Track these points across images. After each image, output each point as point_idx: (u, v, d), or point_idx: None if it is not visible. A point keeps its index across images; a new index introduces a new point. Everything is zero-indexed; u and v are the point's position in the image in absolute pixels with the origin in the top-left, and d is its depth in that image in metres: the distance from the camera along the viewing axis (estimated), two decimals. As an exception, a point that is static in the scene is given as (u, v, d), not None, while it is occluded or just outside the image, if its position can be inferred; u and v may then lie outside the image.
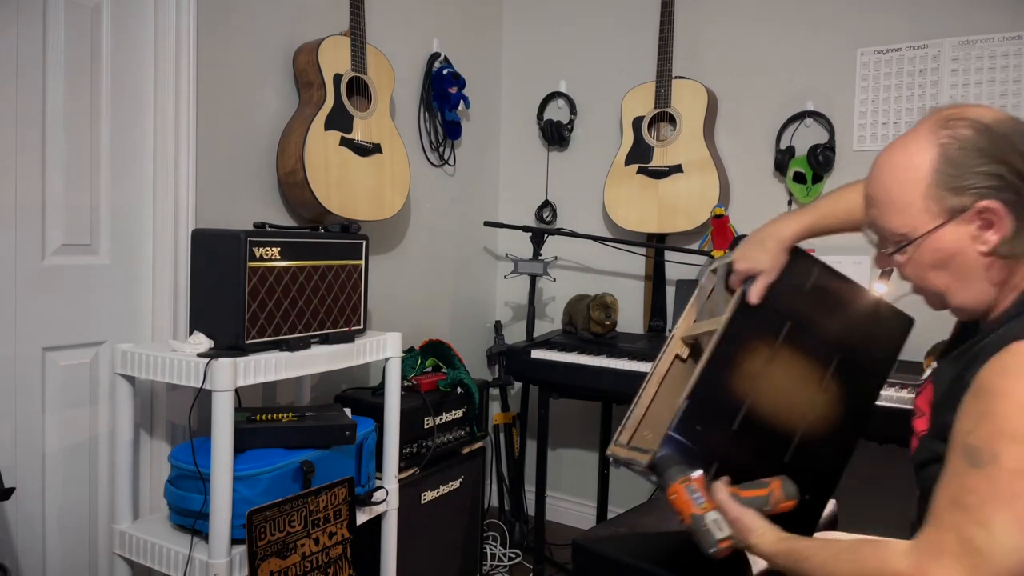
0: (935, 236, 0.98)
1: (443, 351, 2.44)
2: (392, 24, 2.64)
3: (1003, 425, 0.86)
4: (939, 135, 0.97)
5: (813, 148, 2.52)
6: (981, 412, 0.89)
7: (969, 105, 1.00)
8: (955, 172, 0.96)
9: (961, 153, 0.95)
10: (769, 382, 1.38)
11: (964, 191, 0.95)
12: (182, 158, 1.96)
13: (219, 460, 1.54)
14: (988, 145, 0.94)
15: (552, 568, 2.70)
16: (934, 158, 0.97)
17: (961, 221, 0.97)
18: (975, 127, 0.95)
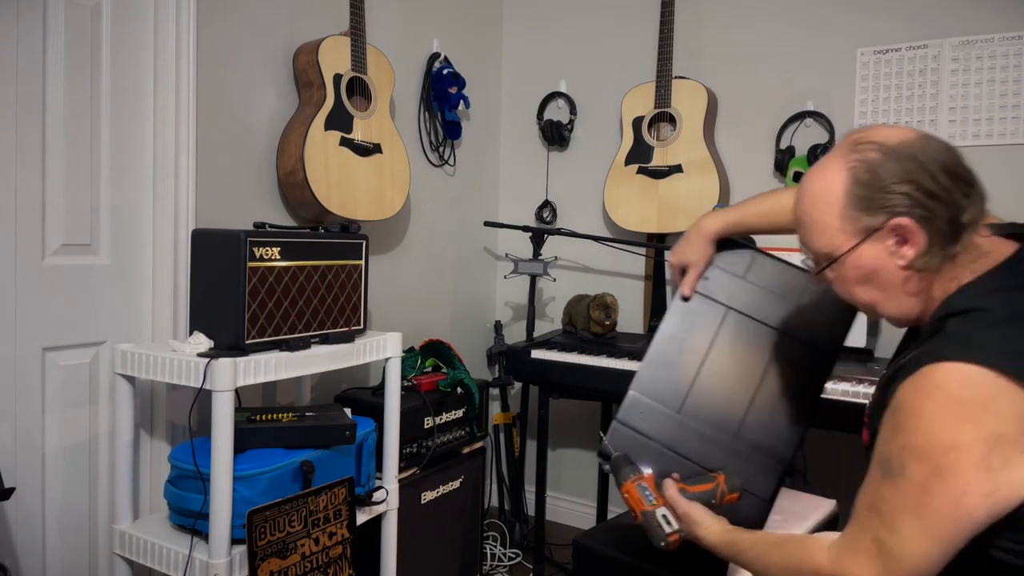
0: (855, 254, 1.04)
1: (443, 351, 2.44)
2: (392, 24, 2.64)
3: (911, 440, 0.92)
4: (849, 159, 1.03)
5: (813, 148, 2.52)
6: (895, 426, 0.95)
7: (878, 127, 1.05)
8: (865, 193, 1.01)
9: (869, 175, 1.00)
10: (712, 369, 1.45)
11: (876, 210, 1.01)
12: (182, 158, 1.96)
13: (219, 460, 1.54)
14: (893, 166, 0.99)
15: (552, 568, 2.70)
16: (845, 181, 1.02)
17: (877, 238, 1.02)
18: (881, 149, 1.00)
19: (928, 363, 0.93)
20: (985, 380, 0.89)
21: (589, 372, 2.33)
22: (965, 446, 0.88)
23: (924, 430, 0.91)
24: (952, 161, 1.00)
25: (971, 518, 0.89)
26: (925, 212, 0.98)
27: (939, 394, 0.91)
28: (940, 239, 0.99)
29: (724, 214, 1.45)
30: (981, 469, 0.88)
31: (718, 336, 1.47)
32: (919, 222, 0.98)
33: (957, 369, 0.91)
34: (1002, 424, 0.88)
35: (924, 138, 1.01)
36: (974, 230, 1.00)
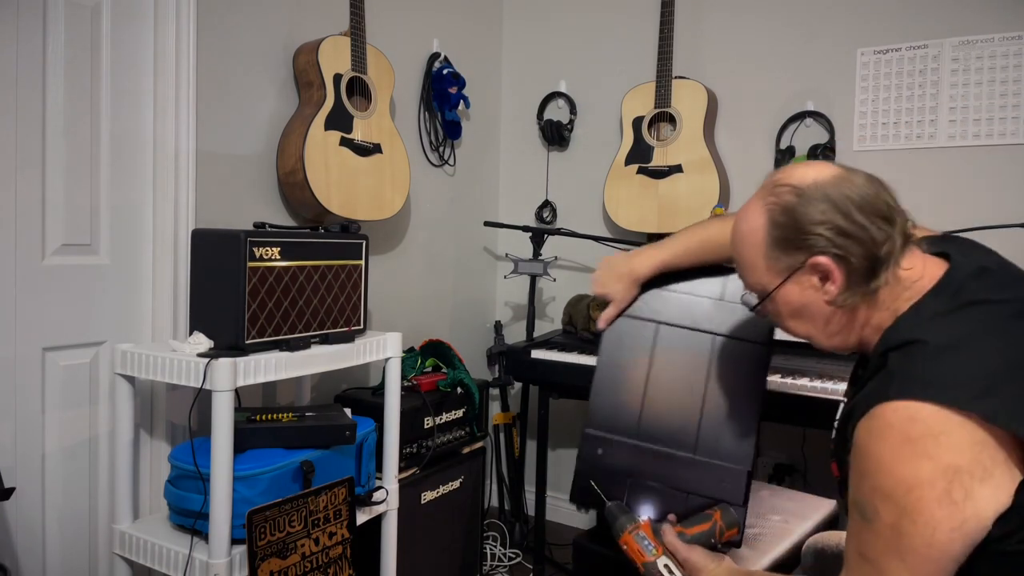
0: (782, 291, 1.08)
1: (443, 351, 2.44)
2: (392, 24, 2.64)
3: (875, 483, 0.94)
4: (767, 201, 1.07)
5: (813, 148, 2.52)
6: (860, 471, 0.97)
7: (798, 167, 1.08)
8: (783, 234, 1.05)
9: (784, 217, 1.04)
10: (657, 387, 1.47)
11: (795, 250, 1.04)
12: (182, 158, 1.96)
13: (219, 460, 1.54)
14: (807, 207, 1.02)
15: (552, 568, 2.70)
16: (764, 222, 1.07)
17: (800, 276, 1.06)
18: (794, 192, 1.04)
19: (876, 403, 0.95)
20: (932, 415, 0.91)
21: (589, 372, 2.31)
22: (926, 483, 0.90)
23: (885, 472, 0.93)
24: (868, 197, 1.02)
25: (948, 554, 0.91)
26: (840, 251, 1.01)
27: (891, 434, 0.92)
28: (858, 275, 1.02)
29: (655, 255, 1.49)
30: (945, 504, 0.89)
31: (655, 353, 1.48)
32: (836, 260, 1.02)
33: (904, 407, 0.92)
34: (956, 456, 0.90)
35: (839, 177, 1.04)
36: (896, 262, 1.02)
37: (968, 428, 0.90)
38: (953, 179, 2.40)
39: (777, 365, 2.11)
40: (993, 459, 0.90)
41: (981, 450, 0.90)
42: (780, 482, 2.53)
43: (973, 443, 0.90)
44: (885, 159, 2.49)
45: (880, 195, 1.03)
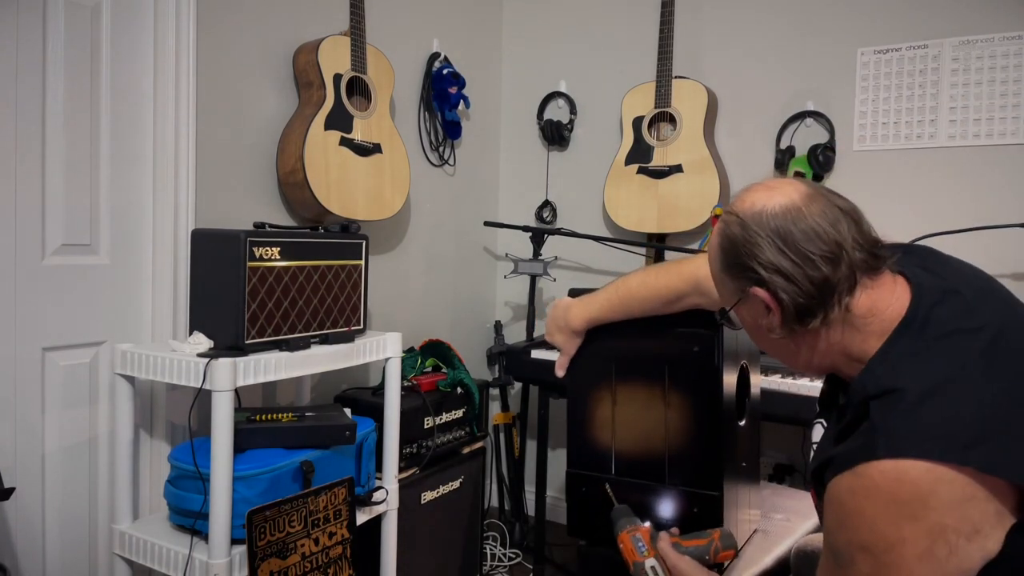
0: (738, 312, 1.08)
1: (443, 351, 2.43)
2: (392, 24, 2.64)
3: (855, 537, 0.92)
4: (720, 224, 1.07)
5: (813, 148, 2.52)
6: (839, 522, 0.95)
7: (758, 191, 1.04)
8: (727, 261, 1.05)
9: (728, 244, 1.03)
10: (623, 421, 1.50)
11: (738, 277, 1.03)
12: (182, 158, 1.96)
13: (219, 460, 1.54)
14: (746, 239, 1.00)
15: (552, 568, 2.70)
16: (717, 245, 1.07)
17: (746, 302, 1.05)
18: (736, 222, 1.02)
19: (862, 461, 0.91)
20: (920, 474, 0.87)
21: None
22: (908, 542, 0.88)
23: (867, 528, 0.91)
24: (815, 232, 0.97)
25: None
26: (773, 287, 0.98)
27: (877, 495, 0.90)
28: (793, 312, 0.99)
29: (583, 311, 1.51)
30: (926, 561, 0.87)
31: (616, 388, 1.51)
32: (771, 292, 0.99)
33: (892, 468, 0.89)
34: (943, 515, 0.87)
35: (790, 208, 0.99)
36: (839, 302, 0.98)
37: (959, 483, 0.87)
38: (953, 179, 2.40)
39: (777, 365, 2.11)
40: (983, 512, 0.88)
41: (971, 506, 0.88)
42: (780, 481, 2.53)
43: (963, 499, 0.87)
44: (885, 159, 2.49)
45: (830, 231, 0.97)
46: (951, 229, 2.16)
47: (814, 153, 2.51)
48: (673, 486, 1.44)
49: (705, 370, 1.44)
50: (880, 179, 2.49)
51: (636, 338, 1.50)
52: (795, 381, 1.96)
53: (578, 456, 1.54)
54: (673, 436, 1.47)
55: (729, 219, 1.04)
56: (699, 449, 1.45)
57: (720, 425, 1.44)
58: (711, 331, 1.43)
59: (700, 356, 1.44)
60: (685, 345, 1.45)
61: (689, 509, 1.42)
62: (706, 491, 1.42)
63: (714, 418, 1.44)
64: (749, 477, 1.61)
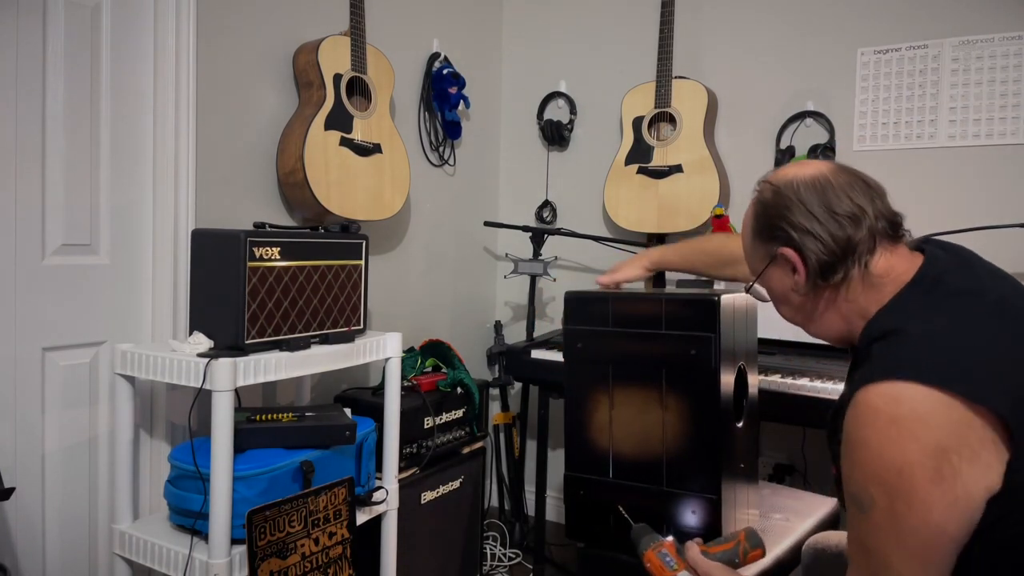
0: (766, 278, 1.18)
1: (443, 351, 2.43)
2: (392, 24, 2.64)
3: (867, 471, 0.95)
4: (753, 195, 1.19)
5: (813, 148, 2.52)
6: (852, 462, 0.98)
7: (789, 166, 1.17)
8: (759, 226, 1.16)
9: (759, 210, 1.15)
10: (621, 424, 1.52)
11: (769, 241, 1.14)
12: (182, 158, 1.96)
13: (219, 460, 1.54)
14: (775, 203, 1.12)
15: (552, 568, 2.70)
16: (751, 213, 1.19)
17: (775, 265, 1.15)
18: (770, 188, 1.14)
19: (861, 387, 0.96)
20: (915, 395, 0.92)
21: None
22: (915, 464, 0.90)
23: (875, 458, 0.93)
24: (839, 197, 1.08)
25: (946, 534, 0.91)
26: (799, 244, 1.09)
27: (876, 418, 0.93)
28: (817, 268, 1.08)
29: (661, 250, 1.79)
30: (936, 483, 0.90)
31: (613, 391, 1.53)
32: (799, 251, 1.09)
33: (886, 388, 0.94)
34: (943, 436, 0.90)
35: (818, 176, 1.11)
36: (860, 260, 1.07)
37: (954, 408, 0.90)
38: (953, 179, 2.40)
39: (777, 365, 2.11)
40: (980, 439, 0.90)
41: (967, 430, 0.90)
42: (780, 481, 2.53)
43: (959, 422, 0.90)
44: (885, 159, 2.49)
45: (853, 196, 1.09)
46: (951, 229, 2.16)
47: (814, 153, 2.51)
48: (671, 489, 1.44)
49: (703, 373, 1.44)
50: (880, 179, 2.46)
51: (634, 341, 1.51)
52: (795, 381, 1.96)
53: (576, 459, 1.55)
54: (671, 439, 1.47)
55: (763, 187, 1.16)
56: (697, 452, 1.45)
57: (718, 428, 1.44)
58: (709, 333, 1.43)
59: (698, 359, 1.44)
60: (683, 347, 1.46)
61: (688, 513, 1.42)
62: (705, 494, 1.42)
63: (712, 421, 1.44)
64: (747, 478, 1.61)
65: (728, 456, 1.47)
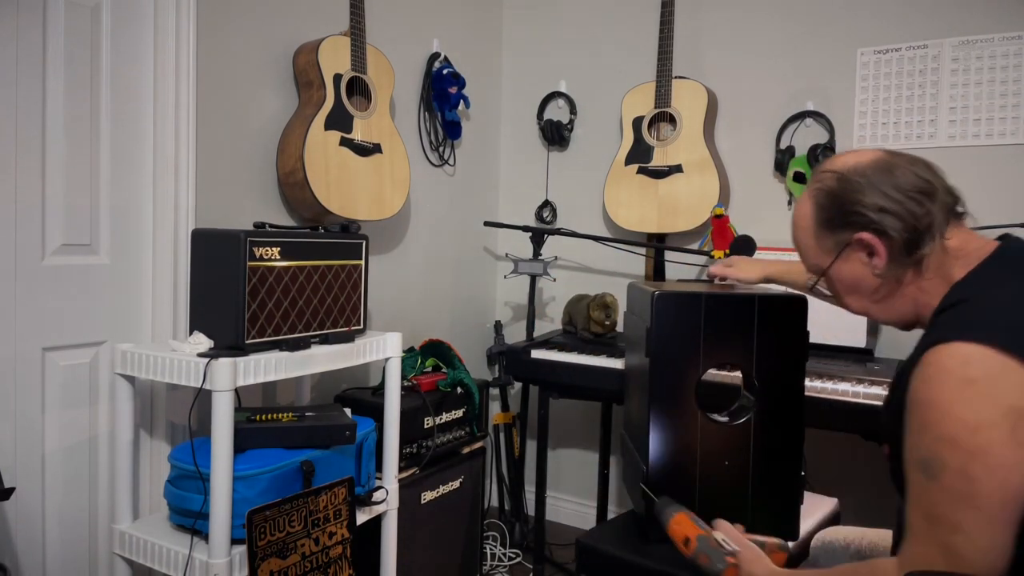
0: (835, 268, 1.16)
1: (443, 351, 2.43)
2: (392, 24, 2.64)
3: (939, 432, 0.93)
4: (812, 189, 1.17)
5: (813, 148, 2.52)
6: (920, 424, 0.96)
7: (844, 154, 1.17)
8: (827, 216, 1.14)
9: (827, 199, 1.14)
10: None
11: (840, 229, 1.13)
12: (182, 158, 1.96)
13: (219, 460, 1.54)
14: (846, 188, 1.11)
15: (552, 568, 2.70)
16: (811, 208, 1.17)
17: (848, 253, 1.14)
18: (835, 176, 1.13)
19: (929, 348, 0.96)
20: (986, 357, 0.91)
21: (589, 372, 2.33)
22: (990, 424, 0.89)
23: (947, 417, 0.91)
24: (905, 174, 1.09)
25: (1020, 496, 0.89)
26: (880, 226, 1.08)
27: (948, 378, 0.92)
28: (900, 247, 1.08)
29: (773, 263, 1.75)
30: (1011, 445, 0.88)
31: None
32: (877, 235, 1.09)
33: (957, 348, 0.93)
34: (1014, 398, 0.89)
35: (879, 160, 1.11)
36: (940, 234, 1.07)
37: (1022, 374, 0.89)
38: (953, 179, 2.38)
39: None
40: None
41: None
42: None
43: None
44: (885, 159, 2.49)
45: (921, 173, 1.09)
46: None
47: (814, 153, 2.51)
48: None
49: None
50: (880, 179, 2.49)
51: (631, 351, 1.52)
52: (811, 383, 1.95)
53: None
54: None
55: (824, 177, 1.15)
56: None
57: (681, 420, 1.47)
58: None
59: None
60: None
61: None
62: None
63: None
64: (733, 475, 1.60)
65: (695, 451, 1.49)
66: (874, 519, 2.41)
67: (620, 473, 2.92)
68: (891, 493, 1.11)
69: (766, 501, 1.51)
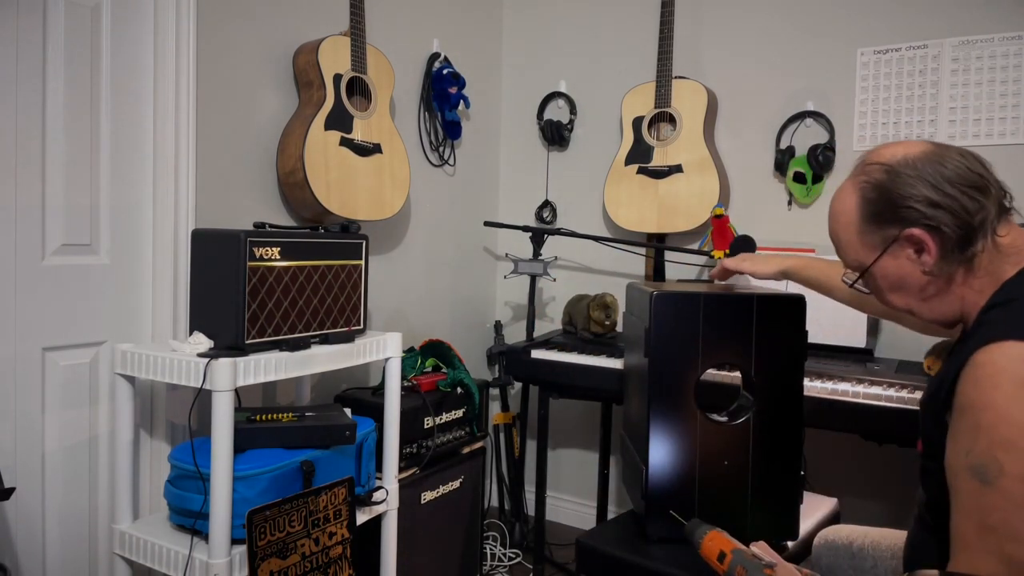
0: (879, 265, 1.10)
1: (443, 351, 2.44)
2: (392, 24, 2.64)
3: (995, 435, 0.88)
4: (858, 181, 1.11)
5: (813, 148, 2.52)
6: (972, 428, 0.91)
7: (889, 146, 1.11)
8: (875, 210, 1.08)
9: (875, 193, 1.08)
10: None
11: (888, 224, 1.07)
12: (182, 158, 1.96)
13: (219, 460, 1.54)
14: (897, 182, 1.05)
15: (552, 568, 2.70)
16: (857, 201, 1.11)
17: (895, 249, 1.08)
18: (883, 169, 1.07)
19: (981, 346, 0.92)
20: None
21: (589, 372, 2.33)
22: None
23: (1005, 420, 0.88)
24: (959, 169, 1.04)
25: None
26: (932, 221, 1.03)
27: (1003, 378, 0.89)
28: (953, 244, 1.03)
29: (790, 258, 1.68)
30: None
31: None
32: (928, 231, 1.03)
33: (1011, 347, 0.90)
34: None
35: (930, 151, 1.06)
36: (993, 230, 1.03)
37: None
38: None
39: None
40: None
41: None
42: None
43: None
44: (885, 159, 2.49)
45: (973, 167, 1.05)
46: (951, 229, 2.16)
47: (814, 153, 2.51)
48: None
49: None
50: (880, 179, 2.49)
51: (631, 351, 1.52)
52: (811, 383, 1.95)
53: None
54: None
55: (871, 169, 1.09)
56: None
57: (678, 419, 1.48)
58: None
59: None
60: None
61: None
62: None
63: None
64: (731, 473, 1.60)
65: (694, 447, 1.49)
66: (874, 519, 2.41)
67: (620, 473, 2.92)
68: (891, 493, 1.10)
69: (766, 501, 1.51)
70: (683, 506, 1.50)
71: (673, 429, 1.50)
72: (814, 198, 2.58)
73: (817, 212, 2.59)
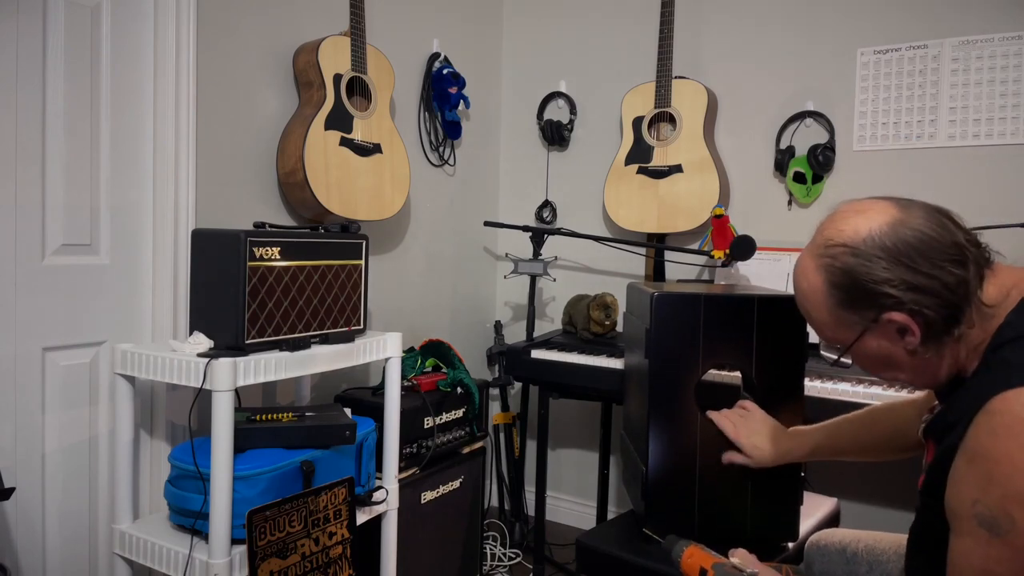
0: (860, 345, 1.02)
1: (443, 351, 2.44)
2: (392, 24, 2.64)
3: (1009, 489, 0.85)
4: (821, 261, 1.02)
5: (813, 148, 2.52)
6: (984, 478, 0.87)
7: (846, 217, 1.01)
8: (846, 296, 0.99)
9: (845, 278, 0.99)
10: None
11: (865, 309, 0.99)
12: (182, 158, 1.96)
13: (219, 460, 1.54)
14: (868, 266, 0.96)
15: (552, 568, 2.70)
16: (824, 283, 1.01)
17: (875, 332, 1.00)
18: (849, 252, 0.98)
19: (997, 393, 0.87)
20: None
21: (589, 372, 2.33)
22: None
23: (1020, 473, 0.84)
24: (931, 239, 0.95)
25: None
26: (913, 305, 0.95)
27: (1021, 428, 0.85)
28: (938, 326, 0.96)
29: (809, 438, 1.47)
30: None
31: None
32: (910, 315, 0.96)
33: None
34: None
35: (895, 222, 0.97)
36: (976, 299, 0.96)
37: None
38: (953, 179, 2.41)
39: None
40: None
41: None
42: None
43: None
44: (885, 159, 2.49)
45: (944, 233, 0.95)
46: (951, 229, 2.16)
47: (814, 153, 2.51)
48: None
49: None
50: (880, 179, 2.49)
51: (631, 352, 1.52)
52: (811, 384, 1.95)
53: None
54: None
55: (835, 251, 0.99)
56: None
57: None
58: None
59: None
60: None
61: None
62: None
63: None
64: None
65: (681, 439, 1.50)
66: (874, 519, 2.41)
67: (620, 473, 2.92)
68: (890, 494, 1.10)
69: (766, 501, 1.51)
70: (683, 506, 1.50)
71: (673, 429, 1.50)
72: (814, 198, 2.58)
73: (817, 212, 2.59)
